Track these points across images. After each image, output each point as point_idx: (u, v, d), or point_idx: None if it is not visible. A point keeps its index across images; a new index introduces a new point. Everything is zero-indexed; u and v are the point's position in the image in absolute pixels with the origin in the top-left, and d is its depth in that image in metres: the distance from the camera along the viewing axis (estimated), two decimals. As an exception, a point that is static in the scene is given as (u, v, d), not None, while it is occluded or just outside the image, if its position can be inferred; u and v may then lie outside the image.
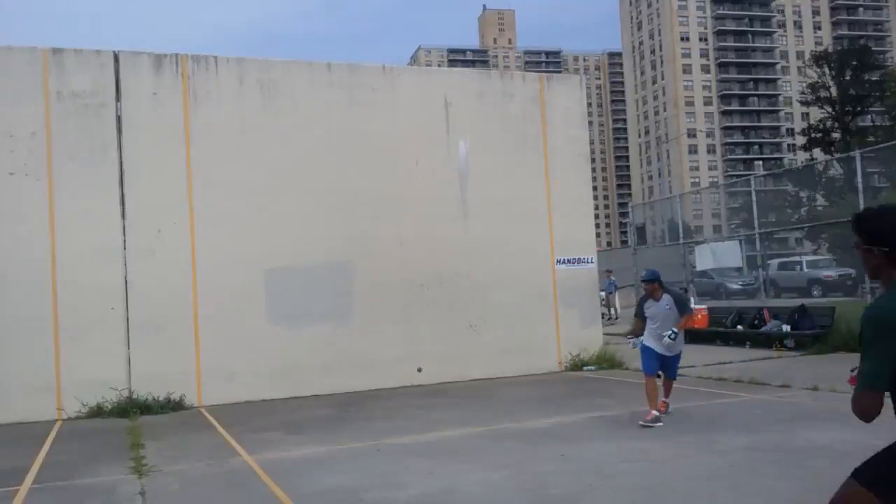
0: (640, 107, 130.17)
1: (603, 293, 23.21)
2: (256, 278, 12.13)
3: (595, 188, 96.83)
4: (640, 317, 9.03)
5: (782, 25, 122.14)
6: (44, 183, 11.27)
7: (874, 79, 63.46)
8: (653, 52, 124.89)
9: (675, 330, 8.60)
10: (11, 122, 11.22)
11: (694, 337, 18.15)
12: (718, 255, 19.75)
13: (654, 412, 8.43)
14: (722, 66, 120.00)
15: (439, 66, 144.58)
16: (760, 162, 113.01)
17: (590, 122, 64.87)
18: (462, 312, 13.46)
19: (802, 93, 76.05)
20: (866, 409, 2.56)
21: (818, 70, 65.73)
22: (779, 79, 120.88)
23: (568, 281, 14.20)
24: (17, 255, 11.03)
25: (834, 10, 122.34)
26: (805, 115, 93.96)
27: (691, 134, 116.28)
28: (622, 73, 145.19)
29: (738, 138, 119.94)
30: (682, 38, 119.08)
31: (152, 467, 7.35)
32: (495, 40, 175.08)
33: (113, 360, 11.34)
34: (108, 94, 11.73)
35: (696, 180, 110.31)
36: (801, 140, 74.28)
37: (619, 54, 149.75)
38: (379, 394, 12.00)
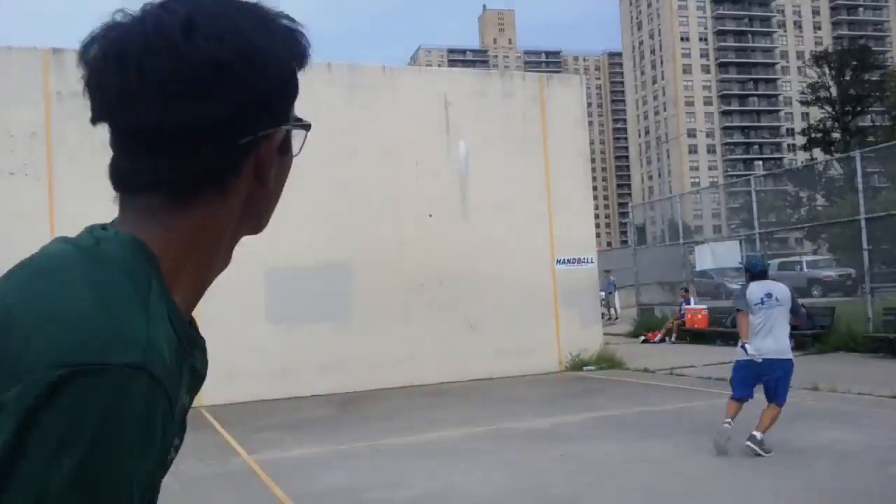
0: (640, 107, 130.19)
1: (603, 293, 23.23)
2: (256, 278, 12.13)
3: (595, 188, 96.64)
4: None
5: (782, 25, 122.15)
6: (44, 183, 11.26)
7: (874, 79, 63.39)
8: (653, 52, 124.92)
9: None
10: (11, 122, 11.22)
11: (694, 337, 18.20)
12: (718, 255, 19.76)
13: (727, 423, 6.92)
14: (722, 66, 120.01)
15: (439, 66, 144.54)
16: (760, 162, 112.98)
17: (590, 122, 64.85)
18: (462, 312, 13.46)
19: (802, 93, 76.00)
20: None
21: (818, 70, 65.70)
22: (779, 79, 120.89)
23: (568, 281, 14.20)
24: (17, 255, 10.94)
25: (834, 10, 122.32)
26: (805, 115, 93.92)
27: (691, 134, 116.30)
28: (622, 73, 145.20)
29: (738, 138, 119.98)
30: (682, 38, 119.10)
31: (152, 467, 7.34)
32: (495, 40, 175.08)
33: (113, 360, 11.34)
34: (108, 94, 11.72)
35: (696, 180, 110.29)
36: (801, 140, 74.24)
37: (619, 54, 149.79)
38: (379, 394, 12.00)
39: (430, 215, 13.34)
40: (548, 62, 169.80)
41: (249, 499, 6.28)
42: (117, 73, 0.75)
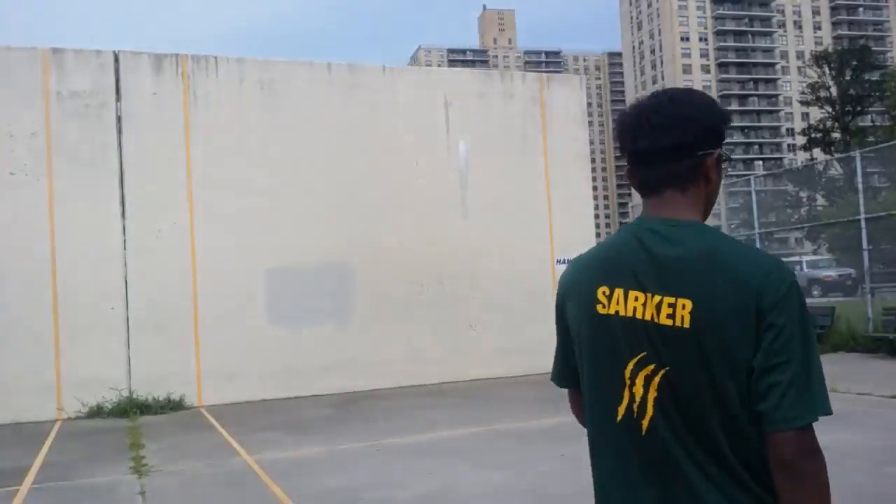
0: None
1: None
2: (256, 278, 12.13)
3: (595, 188, 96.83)
4: None
5: (782, 25, 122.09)
6: (44, 183, 11.26)
7: (874, 79, 63.33)
8: (653, 52, 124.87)
9: None
10: (11, 122, 11.22)
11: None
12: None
13: None
14: (722, 66, 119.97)
15: (439, 66, 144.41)
16: (760, 162, 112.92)
17: (590, 122, 64.77)
18: (462, 312, 13.46)
19: (802, 93, 75.94)
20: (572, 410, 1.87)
21: (818, 70, 65.65)
22: (779, 79, 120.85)
23: (568, 281, 14.17)
24: (17, 255, 11.03)
25: (834, 10, 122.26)
26: (805, 115, 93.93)
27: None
28: (622, 73, 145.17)
29: (739, 138, 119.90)
30: (682, 38, 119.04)
31: (152, 467, 7.35)
32: (495, 40, 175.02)
33: (113, 360, 11.34)
34: (108, 95, 11.73)
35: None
36: (801, 140, 74.18)
37: (619, 54, 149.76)
38: (379, 394, 12.00)
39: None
40: (548, 62, 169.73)
41: (249, 499, 6.28)
42: (648, 121, 1.57)
